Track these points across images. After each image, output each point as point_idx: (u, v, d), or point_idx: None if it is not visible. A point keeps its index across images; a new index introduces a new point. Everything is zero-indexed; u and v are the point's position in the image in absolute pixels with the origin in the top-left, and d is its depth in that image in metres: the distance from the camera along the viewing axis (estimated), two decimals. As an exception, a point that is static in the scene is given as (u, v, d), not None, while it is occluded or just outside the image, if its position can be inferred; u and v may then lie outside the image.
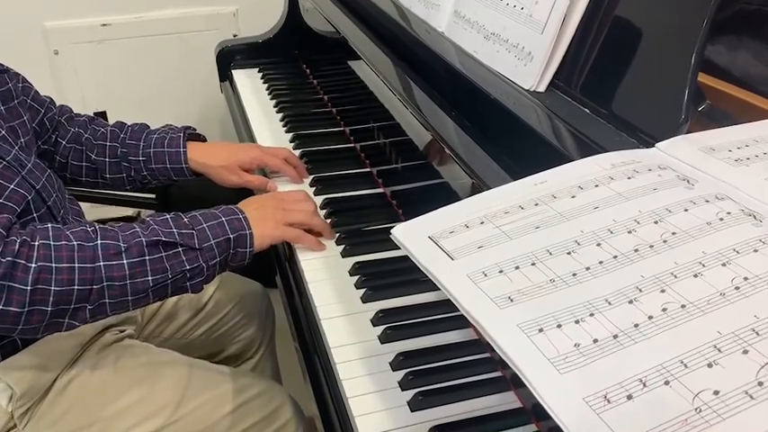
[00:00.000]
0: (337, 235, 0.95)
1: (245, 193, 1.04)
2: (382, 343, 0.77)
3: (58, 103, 1.09)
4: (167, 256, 0.77)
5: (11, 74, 0.94)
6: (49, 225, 0.75)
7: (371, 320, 0.80)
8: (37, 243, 0.71)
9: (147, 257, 0.76)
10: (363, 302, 0.83)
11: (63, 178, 1.06)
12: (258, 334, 1.20)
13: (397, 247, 0.89)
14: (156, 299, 0.80)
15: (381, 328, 0.78)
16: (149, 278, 0.76)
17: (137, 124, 1.08)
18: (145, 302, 0.79)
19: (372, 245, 0.93)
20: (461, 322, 0.79)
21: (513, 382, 0.71)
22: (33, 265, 0.70)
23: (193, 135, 1.08)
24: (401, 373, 0.72)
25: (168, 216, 0.81)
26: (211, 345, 1.15)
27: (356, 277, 0.87)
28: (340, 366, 0.74)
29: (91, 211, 1.41)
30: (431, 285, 0.84)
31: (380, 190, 1.09)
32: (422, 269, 0.49)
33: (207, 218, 0.82)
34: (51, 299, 0.71)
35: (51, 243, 0.72)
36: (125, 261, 0.75)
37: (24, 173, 0.82)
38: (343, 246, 0.93)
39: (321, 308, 0.83)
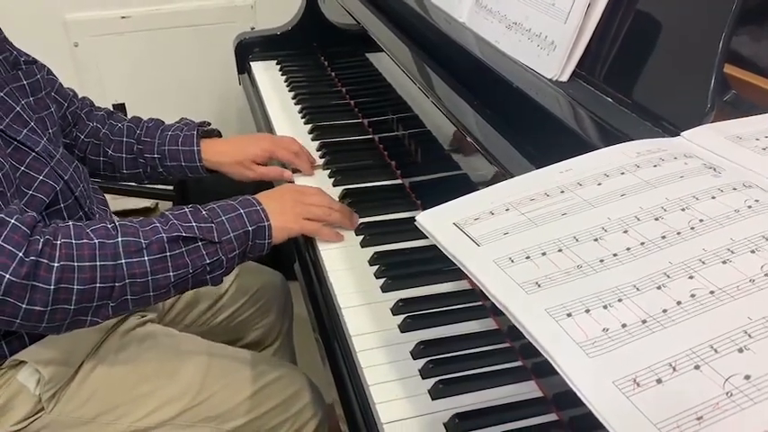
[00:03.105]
0: (356, 224, 0.96)
1: (263, 184, 1.05)
2: (402, 332, 0.77)
3: (79, 96, 1.10)
4: (188, 251, 0.78)
5: (38, 65, 0.96)
6: (71, 223, 0.76)
7: (391, 309, 0.81)
8: (59, 242, 0.72)
9: (167, 253, 0.76)
10: (383, 292, 0.84)
11: None
12: (277, 322, 1.21)
13: (417, 238, 0.91)
14: (176, 293, 0.81)
15: (401, 317, 0.79)
16: (171, 273, 0.77)
17: (152, 120, 1.09)
18: (166, 297, 0.80)
19: (392, 235, 0.93)
20: (481, 312, 0.80)
21: (534, 371, 0.71)
22: (56, 264, 0.70)
23: (207, 132, 1.09)
24: (422, 362, 0.73)
25: (187, 209, 0.82)
26: (231, 332, 1.16)
27: (376, 267, 0.88)
28: (361, 354, 0.74)
29: (110, 202, 1.43)
30: (450, 275, 0.86)
31: (399, 181, 1.09)
32: (448, 255, 0.49)
33: (225, 210, 0.83)
34: (74, 297, 0.71)
35: (73, 242, 0.73)
36: (146, 258, 0.75)
37: (53, 164, 0.84)
38: (362, 236, 0.94)
39: (341, 296, 0.83)
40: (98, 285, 0.72)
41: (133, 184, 1.75)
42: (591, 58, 0.74)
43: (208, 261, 0.79)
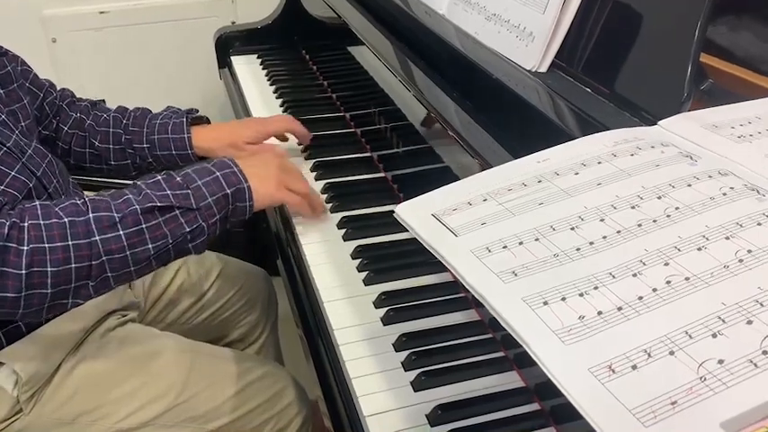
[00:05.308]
0: (339, 218, 0.95)
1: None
2: (385, 325, 0.77)
3: (58, 87, 1.08)
4: (165, 221, 0.74)
5: (9, 56, 0.93)
6: (37, 203, 0.72)
7: (374, 303, 0.80)
8: (26, 224, 0.69)
9: (143, 225, 0.73)
10: (365, 285, 0.84)
11: (67, 164, 1.05)
12: (261, 319, 1.20)
13: (399, 231, 0.90)
14: (159, 265, 0.78)
15: (384, 310, 0.79)
16: (149, 246, 0.74)
17: (138, 109, 1.07)
18: (148, 270, 0.77)
19: (374, 228, 0.93)
20: (463, 304, 0.80)
21: (516, 362, 0.72)
22: (25, 248, 0.67)
23: (196, 119, 1.07)
24: (404, 354, 0.72)
25: (160, 177, 0.78)
26: (214, 330, 1.15)
27: (358, 260, 0.87)
28: (343, 348, 0.74)
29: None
30: (432, 268, 0.86)
31: (381, 174, 1.09)
32: (425, 246, 0.49)
33: (201, 174, 0.79)
34: (49, 280, 0.69)
35: (41, 222, 0.70)
36: (122, 232, 0.72)
37: (25, 159, 0.81)
38: (344, 230, 0.93)
39: (323, 291, 0.83)
40: (73, 266, 0.70)
41: (116, 181, 1.74)
42: (569, 48, 0.74)
43: (188, 229, 0.76)
